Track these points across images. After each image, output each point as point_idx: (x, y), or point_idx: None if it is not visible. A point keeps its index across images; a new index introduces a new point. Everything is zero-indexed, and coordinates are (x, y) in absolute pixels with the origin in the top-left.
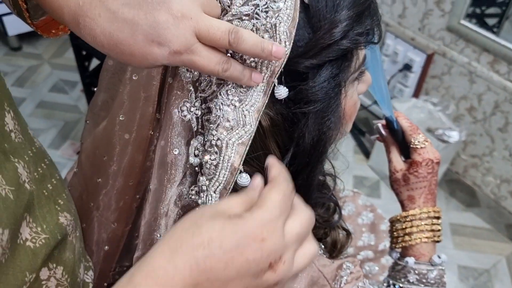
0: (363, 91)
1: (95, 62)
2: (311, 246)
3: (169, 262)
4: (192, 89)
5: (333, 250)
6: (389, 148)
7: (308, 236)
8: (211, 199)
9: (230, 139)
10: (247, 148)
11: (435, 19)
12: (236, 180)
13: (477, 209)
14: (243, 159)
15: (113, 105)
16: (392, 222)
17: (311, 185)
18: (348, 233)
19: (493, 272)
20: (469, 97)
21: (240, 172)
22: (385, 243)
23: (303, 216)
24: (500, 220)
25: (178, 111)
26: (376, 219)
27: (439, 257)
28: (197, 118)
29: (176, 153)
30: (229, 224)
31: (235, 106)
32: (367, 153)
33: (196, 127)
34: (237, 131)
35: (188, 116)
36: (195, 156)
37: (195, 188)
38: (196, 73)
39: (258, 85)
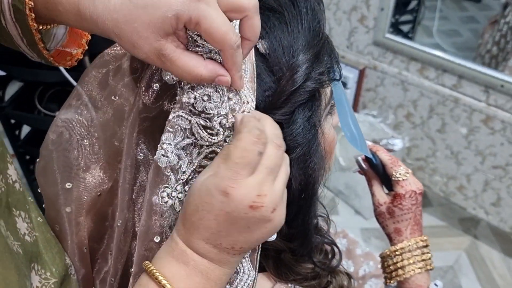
0: (337, 122)
1: (25, 129)
2: (285, 169)
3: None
4: (172, 173)
5: None
6: (371, 182)
7: (280, 167)
8: (242, 265)
9: None
10: None
11: (361, 35)
12: None
13: (429, 209)
14: None
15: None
16: (383, 258)
17: (309, 230)
18: (350, 276)
19: (457, 267)
20: (405, 104)
21: None
22: (365, 268)
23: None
24: (453, 215)
25: (159, 198)
26: (350, 244)
27: (436, 285)
28: (180, 201)
29: (157, 241)
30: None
31: None
32: None
33: (180, 210)
34: None
35: (170, 202)
36: None
37: None
38: (175, 157)
39: None
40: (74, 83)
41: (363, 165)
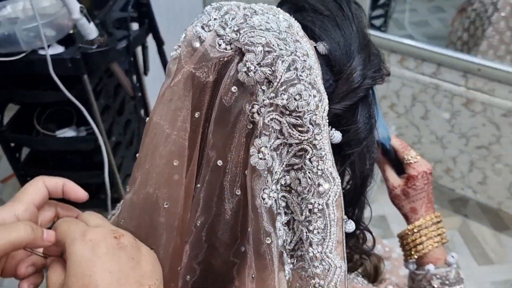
0: None
1: (25, 150)
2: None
3: None
4: (268, 175)
5: (375, 275)
6: (384, 168)
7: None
8: (332, 260)
9: (329, 199)
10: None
11: None
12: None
13: None
14: (343, 209)
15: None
16: (402, 237)
17: (360, 219)
18: (379, 258)
19: (451, 246)
20: (388, 95)
21: (345, 221)
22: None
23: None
24: (443, 198)
25: (260, 200)
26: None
27: (452, 256)
28: (275, 200)
29: (268, 242)
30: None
31: (322, 169)
32: None
33: (276, 210)
34: (332, 189)
35: (269, 202)
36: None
37: (301, 263)
38: (270, 159)
39: (327, 140)
40: (75, 101)
41: None
